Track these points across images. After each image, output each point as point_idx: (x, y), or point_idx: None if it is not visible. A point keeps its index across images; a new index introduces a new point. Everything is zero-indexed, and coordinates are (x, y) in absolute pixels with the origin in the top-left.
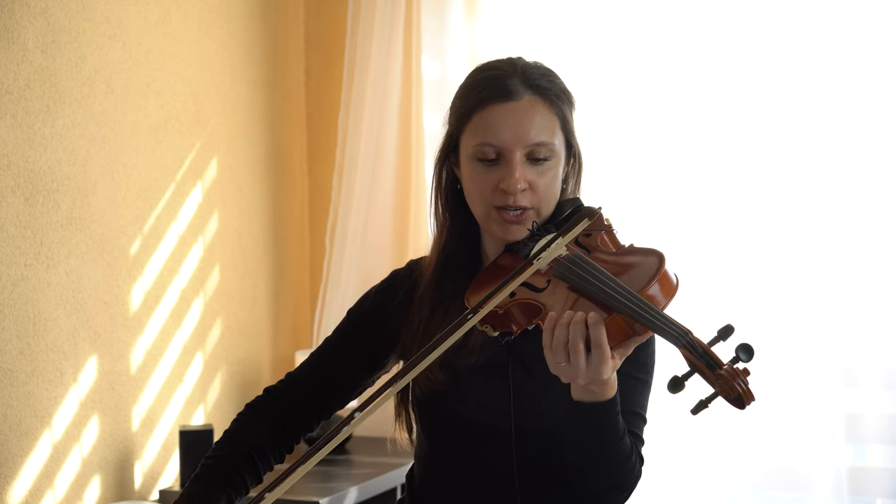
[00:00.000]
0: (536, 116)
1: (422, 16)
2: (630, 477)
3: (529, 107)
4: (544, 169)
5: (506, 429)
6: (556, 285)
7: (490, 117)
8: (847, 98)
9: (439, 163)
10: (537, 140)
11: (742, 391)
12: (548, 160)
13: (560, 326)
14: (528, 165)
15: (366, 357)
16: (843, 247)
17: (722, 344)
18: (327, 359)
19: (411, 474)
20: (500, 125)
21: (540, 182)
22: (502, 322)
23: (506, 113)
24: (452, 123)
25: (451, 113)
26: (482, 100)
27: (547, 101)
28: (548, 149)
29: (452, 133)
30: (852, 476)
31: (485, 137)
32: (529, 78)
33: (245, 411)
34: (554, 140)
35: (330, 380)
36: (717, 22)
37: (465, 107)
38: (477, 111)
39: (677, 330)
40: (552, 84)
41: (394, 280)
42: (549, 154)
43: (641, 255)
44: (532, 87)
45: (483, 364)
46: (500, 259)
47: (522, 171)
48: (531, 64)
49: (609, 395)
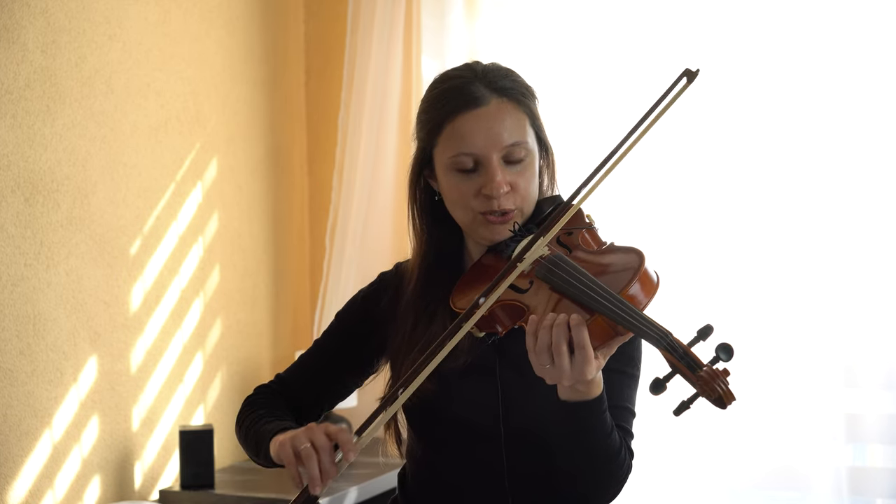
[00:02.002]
0: (507, 118)
1: (422, 16)
2: (620, 472)
3: (498, 110)
4: (522, 168)
5: (495, 428)
6: (539, 286)
7: (461, 127)
8: (845, 94)
9: (414, 177)
10: (511, 141)
11: (722, 392)
12: (524, 159)
13: (543, 329)
14: (507, 168)
15: (356, 361)
16: (843, 247)
17: (702, 344)
18: (318, 363)
19: (403, 473)
20: (473, 133)
21: (520, 182)
22: (488, 323)
23: (476, 120)
24: (423, 138)
25: (419, 127)
26: (450, 111)
27: (513, 101)
28: (523, 148)
29: (424, 147)
30: (852, 476)
31: (460, 148)
32: (492, 81)
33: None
34: (527, 138)
35: (320, 383)
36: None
37: (433, 120)
38: (447, 123)
39: (657, 332)
40: (515, 83)
41: (380, 283)
42: (524, 153)
43: (622, 253)
44: (496, 89)
45: (471, 365)
46: (484, 259)
47: (503, 174)
48: (490, 66)
49: (595, 393)
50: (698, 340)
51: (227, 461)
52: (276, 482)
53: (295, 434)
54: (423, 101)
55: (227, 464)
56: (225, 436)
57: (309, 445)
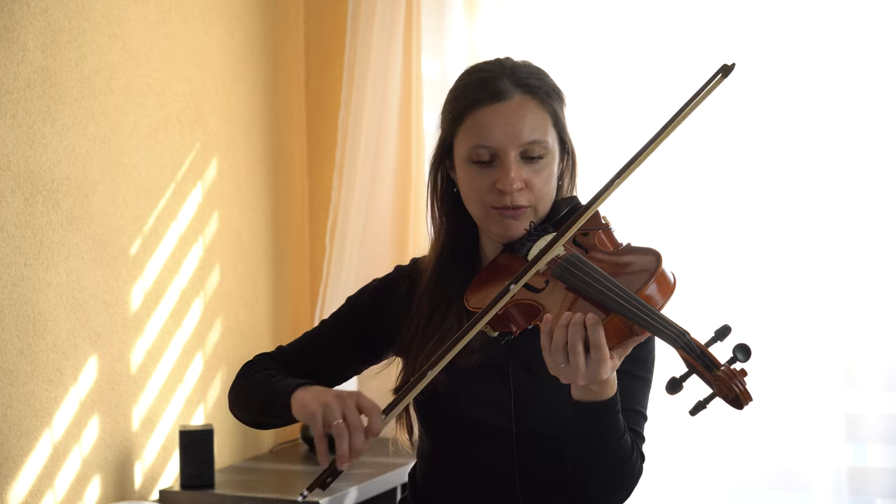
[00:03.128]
0: (528, 115)
1: (422, 16)
2: (631, 475)
3: (520, 106)
4: (539, 167)
5: (507, 428)
6: (555, 286)
7: (482, 119)
8: (848, 96)
9: (434, 167)
10: (530, 139)
11: (739, 392)
12: (542, 158)
13: (559, 328)
14: (523, 164)
15: (361, 347)
16: (843, 247)
17: (719, 344)
18: (322, 341)
19: (414, 473)
20: (493, 126)
21: (536, 180)
22: (502, 323)
23: (497, 114)
24: (445, 127)
25: (442, 117)
26: (473, 102)
27: (537, 100)
28: (541, 146)
29: (446, 137)
30: (852, 476)
31: (478, 140)
32: (519, 77)
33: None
34: (547, 138)
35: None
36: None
37: (456, 110)
38: (468, 114)
39: (675, 331)
40: (542, 82)
41: (397, 274)
42: (543, 152)
43: (639, 254)
44: (522, 86)
45: (484, 364)
46: (499, 258)
47: (518, 170)
48: (520, 63)
49: (609, 394)
50: (716, 340)
51: (227, 461)
52: (276, 482)
53: (326, 402)
54: (451, 90)
55: (227, 464)
56: (225, 436)
57: (341, 423)
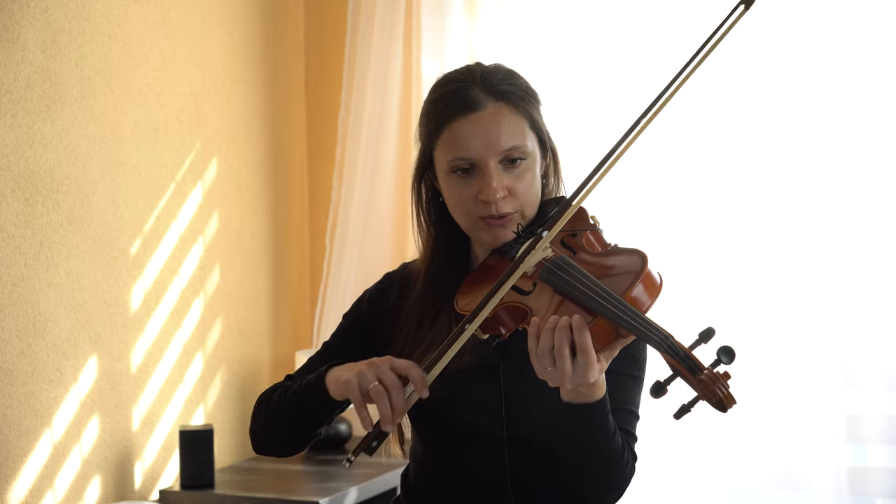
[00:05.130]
0: (503, 123)
1: (422, 16)
2: (623, 475)
3: (494, 114)
4: (520, 171)
5: (498, 430)
6: (542, 288)
7: (458, 131)
8: (845, 94)
9: (417, 179)
10: (508, 145)
11: (723, 395)
12: (523, 161)
13: (545, 332)
14: (504, 171)
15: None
16: (843, 246)
17: (704, 347)
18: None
19: (406, 473)
20: (469, 138)
21: (519, 186)
22: (491, 325)
23: (472, 125)
24: (423, 141)
25: (420, 130)
26: (448, 115)
27: (511, 105)
28: (520, 151)
29: (425, 150)
30: (852, 476)
31: (456, 152)
32: (490, 84)
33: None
34: (525, 142)
35: None
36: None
37: (431, 124)
38: (445, 126)
39: (659, 335)
40: (514, 87)
41: (387, 282)
42: (522, 156)
43: (625, 255)
44: (494, 93)
45: (474, 365)
46: (489, 260)
47: (499, 178)
48: (490, 69)
49: (598, 395)
50: (700, 343)
51: (227, 461)
52: (276, 482)
53: (360, 370)
54: (424, 103)
55: (227, 464)
56: (225, 436)
57: (378, 384)
